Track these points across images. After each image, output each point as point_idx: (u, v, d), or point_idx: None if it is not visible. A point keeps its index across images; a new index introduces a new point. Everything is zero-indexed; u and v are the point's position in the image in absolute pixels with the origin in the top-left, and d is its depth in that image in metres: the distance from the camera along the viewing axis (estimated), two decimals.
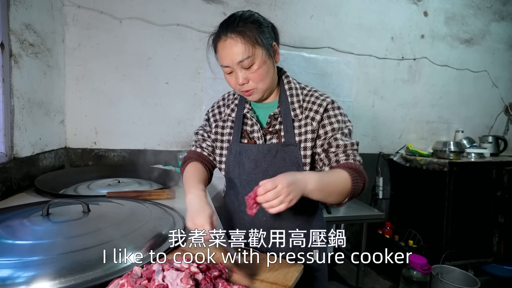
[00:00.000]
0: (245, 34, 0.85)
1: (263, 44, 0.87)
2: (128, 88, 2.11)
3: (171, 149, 2.22)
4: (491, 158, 2.65)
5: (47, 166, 1.73)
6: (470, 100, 3.03)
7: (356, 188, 0.84)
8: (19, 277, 0.60)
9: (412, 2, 2.74)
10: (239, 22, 0.86)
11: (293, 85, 0.99)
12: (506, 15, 3.04)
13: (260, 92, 0.93)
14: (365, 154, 2.75)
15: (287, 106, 0.95)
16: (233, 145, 0.99)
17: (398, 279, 2.18)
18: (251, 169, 0.95)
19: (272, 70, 0.93)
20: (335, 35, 2.56)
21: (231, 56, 0.86)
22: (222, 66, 0.91)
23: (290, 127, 0.93)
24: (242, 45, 0.85)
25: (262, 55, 0.87)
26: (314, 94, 0.97)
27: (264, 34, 0.88)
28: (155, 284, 0.55)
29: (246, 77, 0.89)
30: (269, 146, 0.94)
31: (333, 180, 0.82)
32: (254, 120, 0.97)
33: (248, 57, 0.85)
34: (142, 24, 2.09)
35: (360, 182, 0.85)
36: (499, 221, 2.45)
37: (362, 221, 2.24)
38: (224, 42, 0.87)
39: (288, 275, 0.72)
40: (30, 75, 1.52)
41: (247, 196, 0.72)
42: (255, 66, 0.87)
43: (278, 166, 0.92)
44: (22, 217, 0.89)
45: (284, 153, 0.93)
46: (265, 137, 0.96)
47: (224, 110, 1.06)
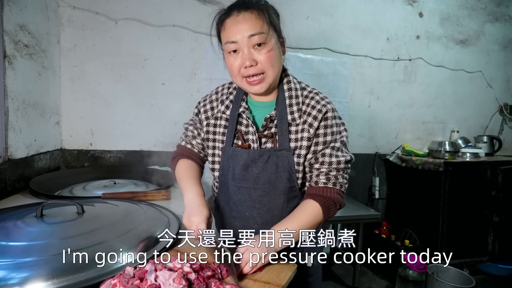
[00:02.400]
0: (261, 10, 0.80)
1: (276, 28, 0.83)
2: (124, 89, 2.11)
3: (167, 150, 2.22)
4: (486, 158, 2.67)
5: (43, 167, 1.72)
6: (465, 101, 3.05)
7: (328, 216, 0.85)
8: (12, 278, 0.61)
9: (408, 3, 2.76)
10: (254, 2, 0.82)
11: (293, 85, 0.91)
12: (500, 16, 3.07)
13: (268, 81, 0.84)
14: (361, 154, 2.76)
15: (284, 108, 0.88)
16: (226, 147, 0.92)
17: (394, 278, 2.19)
18: (241, 175, 0.89)
19: (281, 61, 0.87)
20: (331, 36, 2.57)
21: (242, 30, 0.78)
22: (227, 43, 0.82)
23: (285, 131, 0.87)
24: (258, 20, 0.79)
25: (274, 39, 0.82)
26: (315, 97, 0.89)
27: (278, 21, 0.85)
28: (147, 284, 0.55)
29: (254, 59, 0.80)
30: (261, 151, 0.87)
31: (300, 225, 0.81)
32: (250, 122, 0.90)
33: (261, 32, 0.78)
34: (138, 25, 2.09)
35: (333, 210, 0.85)
36: (494, 220, 2.47)
37: (358, 221, 2.24)
38: (236, 17, 0.80)
39: (281, 275, 0.72)
40: (24, 76, 1.51)
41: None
42: (266, 48, 0.80)
43: (270, 172, 0.87)
44: (16, 218, 0.89)
45: (276, 158, 0.87)
46: (260, 140, 0.90)
47: (217, 105, 0.97)
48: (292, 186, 0.89)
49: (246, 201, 0.91)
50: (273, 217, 0.90)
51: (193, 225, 0.78)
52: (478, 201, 2.45)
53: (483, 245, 2.47)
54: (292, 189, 0.90)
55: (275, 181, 0.88)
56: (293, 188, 0.90)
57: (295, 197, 0.91)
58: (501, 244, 2.47)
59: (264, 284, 0.68)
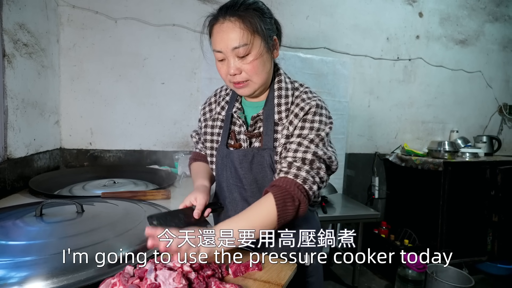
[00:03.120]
0: (245, 19, 0.78)
1: (263, 34, 0.80)
2: (123, 88, 2.11)
3: (167, 150, 2.22)
4: (485, 158, 2.67)
5: (42, 167, 1.72)
6: (465, 101, 3.05)
7: (284, 213, 0.74)
8: (12, 277, 0.60)
9: (407, 3, 2.76)
10: (240, 6, 0.80)
11: (284, 85, 0.90)
12: (499, 16, 3.07)
13: (253, 86, 0.85)
14: (361, 154, 2.77)
15: (271, 107, 0.88)
16: (220, 147, 0.95)
17: (394, 278, 2.19)
18: (232, 175, 0.91)
19: (269, 65, 0.86)
20: (331, 36, 2.57)
21: (226, 41, 0.79)
22: (214, 51, 0.84)
23: (270, 130, 0.86)
24: (240, 31, 0.78)
25: (260, 46, 0.80)
26: (303, 96, 0.87)
27: (266, 24, 0.82)
28: (147, 283, 0.55)
29: (239, 68, 0.81)
30: (245, 151, 0.88)
31: (247, 221, 0.72)
32: (241, 121, 0.91)
33: (244, 44, 0.78)
34: (137, 24, 2.09)
35: (290, 206, 0.74)
36: (493, 220, 2.48)
37: (358, 221, 2.24)
38: (221, 25, 0.80)
39: (281, 274, 0.72)
40: (24, 76, 1.51)
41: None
42: (250, 57, 0.80)
43: (256, 172, 0.87)
44: (15, 217, 0.89)
45: (261, 158, 0.86)
46: (250, 140, 0.90)
47: (214, 107, 1.01)
48: None
49: (240, 201, 0.92)
50: None
51: (186, 199, 0.85)
52: (477, 201, 2.45)
53: (482, 245, 2.47)
54: None
55: (262, 181, 0.88)
56: None
57: None
58: (500, 243, 2.48)
59: (263, 283, 0.68)
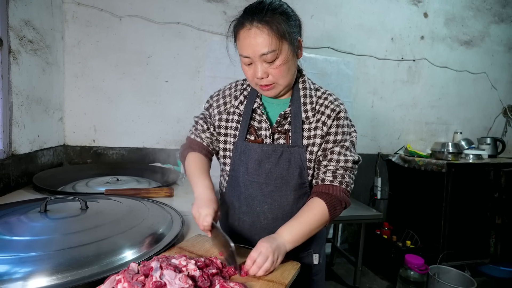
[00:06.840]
0: (272, 25, 0.78)
1: (289, 38, 0.81)
2: (127, 86, 2.11)
3: (170, 148, 2.22)
4: (489, 160, 2.65)
5: (46, 163, 1.73)
6: (469, 102, 3.03)
7: (333, 215, 0.85)
8: (16, 272, 0.61)
9: (412, 3, 2.74)
10: (267, 11, 0.79)
11: (308, 85, 0.93)
12: (505, 17, 3.05)
13: (279, 88, 0.88)
14: (364, 154, 2.75)
15: (298, 106, 0.90)
16: (239, 142, 0.93)
17: (395, 279, 2.18)
18: (254, 170, 0.90)
19: (294, 68, 0.88)
20: (335, 35, 2.56)
21: (254, 47, 0.80)
22: (241, 56, 0.85)
23: (299, 128, 0.89)
24: (268, 37, 0.78)
25: (287, 50, 0.82)
26: (329, 97, 0.92)
27: (292, 28, 0.82)
28: (152, 280, 0.55)
29: (266, 71, 0.83)
30: (275, 147, 0.90)
31: (307, 224, 0.82)
32: (264, 117, 0.92)
33: (273, 51, 0.79)
34: (142, 22, 2.09)
35: (338, 209, 0.86)
36: (496, 222, 2.46)
37: (360, 221, 2.23)
38: (249, 31, 0.80)
39: (285, 273, 0.72)
40: (29, 72, 1.52)
41: (241, 273, 0.71)
42: (278, 62, 0.82)
43: (283, 168, 0.89)
44: (19, 213, 0.89)
45: (289, 155, 0.89)
46: (273, 136, 0.92)
47: (230, 100, 0.99)
48: (303, 182, 0.91)
49: (258, 196, 0.91)
50: (283, 213, 0.91)
51: (200, 216, 0.79)
52: (481, 203, 2.43)
53: (485, 247, 2.46)
54: (302, 186, 0.91)
55: (287, 177, 0.90)
56: (303, 185, 0.91)
57: (304, 194, 0.92)
58: (503, 246, 2.46)
59: (267, 282, 0.68)
